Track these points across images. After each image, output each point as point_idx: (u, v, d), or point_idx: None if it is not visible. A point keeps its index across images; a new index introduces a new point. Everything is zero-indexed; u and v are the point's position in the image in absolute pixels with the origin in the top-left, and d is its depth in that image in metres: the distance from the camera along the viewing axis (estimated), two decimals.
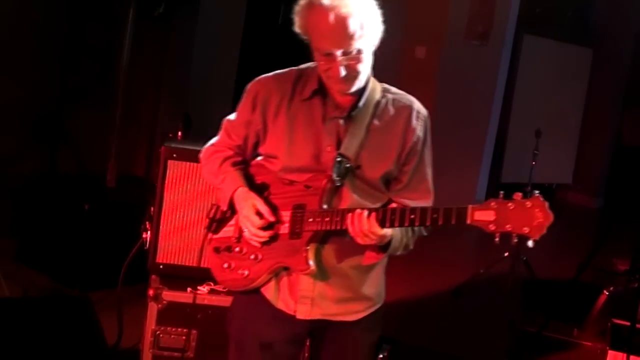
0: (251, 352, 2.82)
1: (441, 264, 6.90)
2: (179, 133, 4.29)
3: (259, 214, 2.68)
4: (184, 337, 3.82)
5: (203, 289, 3.82)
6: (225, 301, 3.75)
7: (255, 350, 2.81)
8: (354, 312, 2.79)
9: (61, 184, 5.91)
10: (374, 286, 2.83)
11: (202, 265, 3.03)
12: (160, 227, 3.86)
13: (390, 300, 2.93)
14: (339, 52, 2.50)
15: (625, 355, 4.61)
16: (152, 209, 3.91)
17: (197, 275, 3.85)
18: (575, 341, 5.72)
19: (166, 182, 3.84)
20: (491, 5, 8.79)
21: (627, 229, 5.21)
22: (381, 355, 3.99)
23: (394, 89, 2.78)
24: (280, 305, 2.76)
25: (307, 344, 3.02)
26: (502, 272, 6.66)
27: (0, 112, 5.80)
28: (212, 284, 3.84)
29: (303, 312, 2.73)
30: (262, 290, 2.79)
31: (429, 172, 2.78)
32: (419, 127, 2.72)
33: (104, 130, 6.06)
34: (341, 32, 2.48)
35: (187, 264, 3.88)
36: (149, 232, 3.91)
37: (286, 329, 2.78)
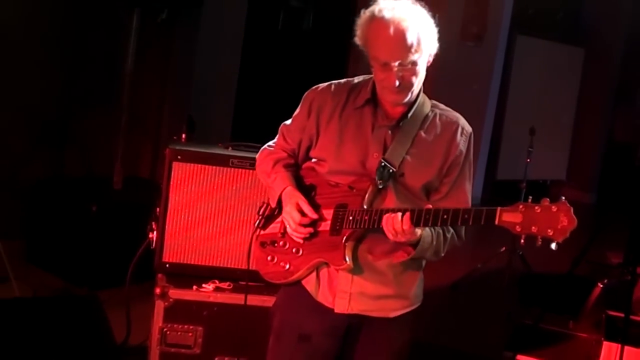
0: (290, 343, 2.86)
1: (440, 259, 6.90)
2: (183, 135, 4.29)
3: (301, 211, 2.75)
4: (190, 334, 3.82)
5: (208, 286, 3.82)
6: (230, 298, 3.77)
7: (294, 342, 2.84)
8: (390, 310, 2.83)
9: (69, 187, 5.92)
10: (411, 286, 2.88)
11: (250, 268, 3.02)
12: (166, 227, 3.85)
13: None
14: (395, 63, 2.57)
15: (619, 345, 4.61)
16: (157, 209, 3.91)
17: (203, 274, 3.86)
18: (571, 333, 5.72)
19: (171, 183, 3.83)
20: (485, 7, 8.80)
21: (619, 223, 5.22)
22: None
23: (442, 105, 2.87)
24: (320, 298, 2.82)
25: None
26: (499, 266, 6.66)
27: (11, 118, 5.82)
28: (217, 281, 3.84)
29: (341, 306, 2.78)
30: (304, 282, 2.85)
31: (468, 186, 2.83)
32: (462, 142, 2.78)
33: (110, 134, 6.07)
34: (399, 45, 2.56)
35: (192, 262, 3.87)
36: (155, 232, 3.91)
37: (325, 321, 2.81)
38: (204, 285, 3.83)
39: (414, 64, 2.60)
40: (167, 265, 3.88)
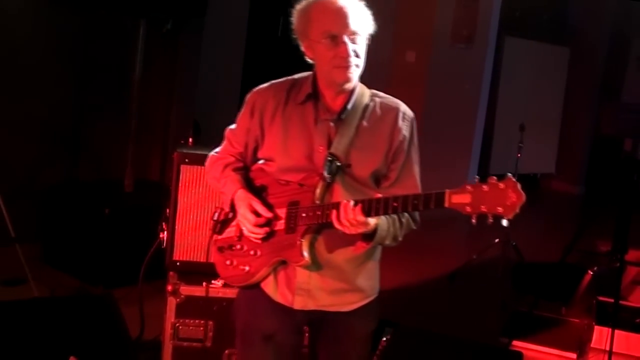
0: (255, 343, 2.80)
1: (437, 252, 6.90)
2: (190, 139, 4.29)
3: (255, 212, 2.69)
4: (201, 328, 3.82)
5: (217, 282, 3.82)
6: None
7: (259, 342, 2.79)
8: (348, 303, 2.76)
9: (83, 191, 5.92)
10: (368, 279, 2.81)
11: (209, 261, 3.02)
12: (176, 227, 3.86)
13: (391, 287, 2.93)
14: (345, 36, 2.54)
15: (610, 329, 4.61)
16: (167, 210, 3.91)
17: (212, 271, 3.83)
18: (563, 318, 5.72)
19: (180, 185, 3.84)
20: (474, 10, 8.78)
21: (607, 213, 5.22)
22: (384, 338, 3.99)
23: (381, 94, 2.77)
24: (279, 298, 2.74)
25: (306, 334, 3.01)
26: (493, 257, 6.66)
27: (26, 127, 5.83)
28: None
29: (300, 303, 2.71)
30: (262, 285, 2.77)
31: (416, 169, 2.76)
32: (404, 127, 2.71)
33: (121, 140, 6.07)
34: (349, 15, 2.55)
35: (201, 260, 3.87)
36: (165, 232, 3.91)
37: (286, 320, 2.76)
38: (213, 281, 3.83)
39: (361, 38, 2.58)
40: (178, 264, 3.88)
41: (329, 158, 2.61)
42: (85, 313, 3.96)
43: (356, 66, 2.58)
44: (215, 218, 2.86)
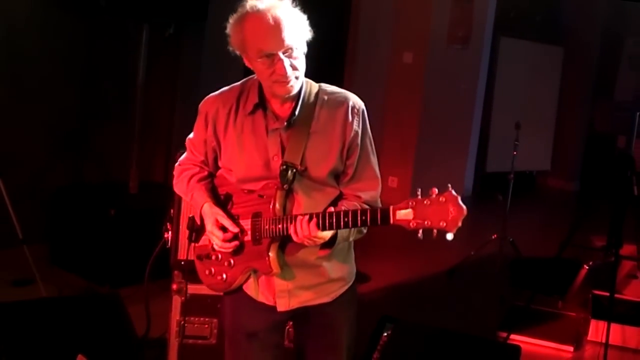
0: (241, 342, 2.80)
1: (435, 248, 6.88)
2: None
3: (222, 227, 2.66)
4: (206, 326, 3.82)
5: None
6: None
7: (244, 340, 2.79)
8: (327, 294, 2.76)
9: (89, 192, 5.92)
10: (344, 268, 2.80)
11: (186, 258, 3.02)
12: (180, 227, 3.85)
13: (391, 283, 2.93)
14: (281, 52, 2.47)
15: (606, 322, 4.61)
16: (171, 211, 3.90)
17: None
18: (560, 312, 5.72)
19: None
20: (469, 11, 8.78)
21: (602, 209, 5.22)
22: (385, 334, 3.98)
23: (329, 88, 2.71)
24: (261, 298, 2.74)
25: (289, 329, 2.99)
26: (491, 253, 6.65)
27: (33, 131, 5.84)
28: None
29: (283, 305, 2.71)
30: (244, 287, 2.76)
31: (373, 160, 2.71)
32: (355, 121, 2.64)
33: (125, 142, 6.06)
34: (281, 31, 2.45)
35: None
36: (170, 232, 3.90)
37: (269, 318, 2.76)
38: None
39: (296, 50, 2.49)
40: (182, 263, 3.86)
41: (283, 167, 2.57)
42: (93, 312, 3.96)
43: (296, 78, 2.53)
44: (189, 227, 2.83)
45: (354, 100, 2.68)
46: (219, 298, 3.76)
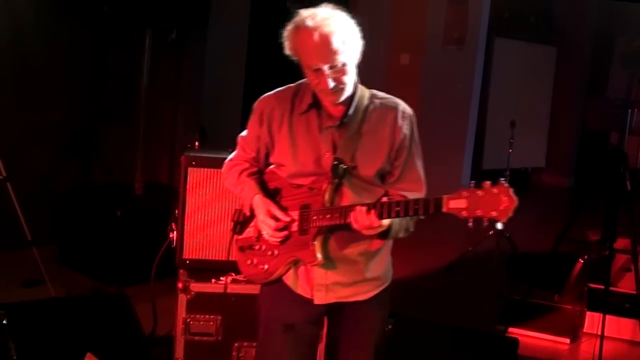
0: (277, 333, 2.83)
1: (434, 244, 6.89)
2: (196, 143, 4.28)
3: (274, 217, 2.71)
4: (211, 323, 3.82)
5: (225, 279, 3.82)
6: (246, 289, 3.77)
7: (280, 332, 2.82)
8: (364, 292, 2.80)
9: (95, 194, 5.92)
10: (381, 268, 2.84)
11: (229, 259, 3.04)
12: (185, 227, 3.85)
13: (393, 279, 2.93)
14: (326, 67, 2.52)
15: (601, 314, 4.61)
16: (176, 211, 3.91)
17: (220, 268, 3.86)
18: (556, 305, 5.73)
19: (187, 187, 3.84)
20: (464, 13, 8.78)
21: (596, 204, 5.21)
22: (386, 328, 3.99)
23: (381, 94, 2.78)
24: (299, 290, 2.79)
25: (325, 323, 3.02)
26: (488, 248, 6.65)
27: (40, 135, 5.85)
28: (233, 274, 3.84)
29: (319, 298, 2.76)
30: (284, 278, 2.81)
31: (418, 164, 2.78)
32: (404, 125, 2.72)
33: (130, 145, 6.07)
34: (326, 49, 2.50)
35: (210, 258, 3.88)
36: (175, 232, 3.91)
37: (306, 311, 2.79)
38: (221, 278, 3.82)
39: (344, 64, 2.55)
40: (187, 262, 3.88)
41: (335, 162, 2.63)
42: (101, 311, 3.97)
43: (341, 89, 2.59)
44: (234, 219, 2.90)
45: (404, 106, 2.77)
46: (224, 296, 3.79)
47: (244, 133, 2.91)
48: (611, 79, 11.38)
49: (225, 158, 3.79)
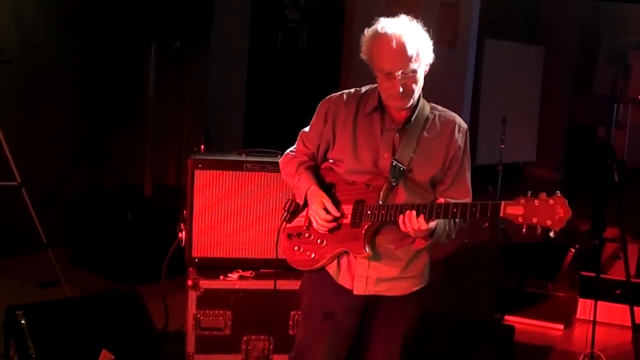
0: (317, 321, 2.86)
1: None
2: (202, 147, 4.28)
3: (325, 209, 2.76)
4: (221, 318, 3.82)
5: (233, 275, 3.83)
6: (253, 285, 3.78)
7: (320, 320, 2.85)
8: (402, 289, 2.83)
9: (107, 198, 5.92)
10: (420, 268, 2.88)
11: (279, 256, 3.03)
12: (193, 226, 3.85)
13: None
14: (398, 72, 2.60)
15: (593, 301, 4.60)
16: (184, 212, 3.90)
17: (228, 265, 3.86)
18: (550, 293, 5.72)
19: (195, 188, 3.83)
20: (455, 16, 8.77)
21: (585, 195, 5.21)
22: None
23: (440, 107, 2.88)
24: (340, 281, 2.83)
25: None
26: (483, 240, 6.66)
27: (53, 142, 5.85)
28: (240, 271, 3.84)
29: (359, 289, 2.79)
30: (327, 268, 2.85)
31: (468, 176, 2.85)
32: (460, 138, 2.80)
33: (139, 150, 6.06)
34: (401, 56, 2.60)
35: (218, 255, 3.88)
36: (183, 232, 3.90)
37: (346, 301, 2.82)
38: (229, 274, 3.83)
39: (414, 72, 2.63)
40: (196, 260, 3.88)
41: (394, 163, 2.69)
42: (114, 309, 3.96)
43: (409, 95, 2.66)
44: (286, 208, 2.94)
45: (461, 120, 2.86)
46: (232, 292, 3.80)
47: (306, 129, 2.95)
48: (597, 75, 11.39)
49: (230, 160, 3.81)
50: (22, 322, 3.59)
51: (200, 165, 3.84)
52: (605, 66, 11.17)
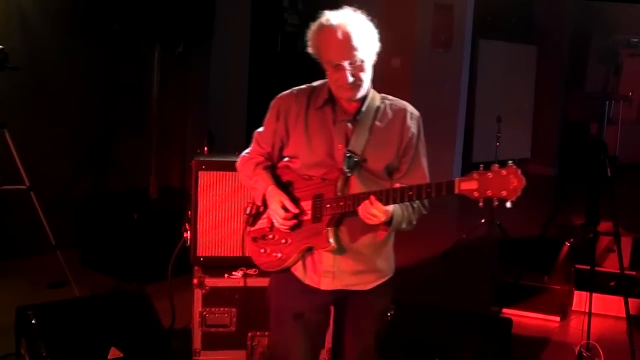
0: (287, 321, 2.83)
1: (430, 234, 6.86)
2: (205, 148, 4.28)
3: (284, 207, 2.72)
4: (226, 315, 3.82)
5: (238, 274, 3.82)
6: (256, 282, 3.77)
7: (290, 320, 2.82)
8: (368, 282, 2.80)
9: (113, 199, 5.92)
10: (385, 260, 2.85)
11: (244, 254, 3.05)
12: (198, 226, 3.85)
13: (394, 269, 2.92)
14: (346, 63, 2.56)
15: (588, 293, 4.61)
16: (189, 212, 3.90)
17: (232, 263, 3.85)
18: (546, 286, 5.73)
19: (199, 189, 3.83)
20: (450, 17, 8.77)
21: (579, 190, 5.20)
22: (388, 314, 3.98)
23: (390, 97, 2.82)
24: (307, 280, 2.78)
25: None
26: (480, 235, 6.65)
27: (60, 146, 5.87)
28: (244, 269, 3.84)
29: (326, 284, 2.75)
30: (292, 269, 2.81)
31: (424, 161, 2.81)
32: (413, 125, 2.76)
33: (144, 152, 6.06)
34: (347, 46, 2.55)
35: (222, 254, 3.87)
36: (188, 232, 3.90)
37: (313, 300, 2.79)
38: (234, 273, 3.83)
39: (362, 61, 2.59)
40: (201, 259, 3.87)
41: (348, 154, 2.65)
42: (122, 308, 3.96)
43: (358, 85, 2.62)
44: (247, 212, 2.90)
45: (412, 108, 2.81)
46: (237, 289, 3.79)
47: (260, 129, 2.91)
48: (589, 74, 11.38)
49: (233, 161, 3.80)
50: (33, 321, 3.59)
51: (203, 167, 3.84)
52: (596, 65, 11.16)
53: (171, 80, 6.28)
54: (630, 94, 9.77)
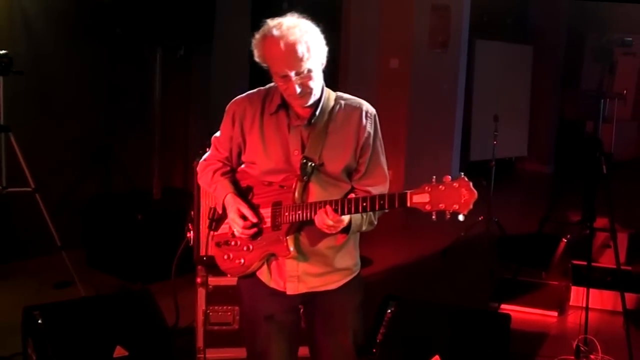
0: (259, 323, 2.77)
1: (429, 232, 6.87)
2: (207, 150, 4.27)
3: (243, 216, 2.65)
4: (229, 313, 3.82)
5: None
6: None
7: (262, 322, 2.76)
8: (333, 282, 2.74)
9: (117, 201, 5.92)
10: (349, 259, 2.78)
11: (206, 254, 3.04)
12: (200, 226, 3.85)
13: (392, 265, 2.92)
14: (292, 73, 2.47)
15: (585, 288, 4.61)
16: (192, 213, 3.90)
17: None
18: (544, 282, 5.72)
19: (201, 190, 3.83)
20: (447, 18, 8.76)
21: (575, 187, 5.19)
22: (389, 310, 3.97)
23: (346, 96, 2.73)
24: (273, 284, 2.72)
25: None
26: (479, 233, 6.64)
27: (65, 148, 5.87)
28: None
29: (292, 289, 2.70)
30: (258, 274, 2.75)
31: (382, 160, 2.73)
32: (368, 124, 2.66)
33: (147, 154, 6.07)
34: (292, 57, 2.44)
35: None
36: (191, 232, 3.90)
37: (282, 302, 2.73)
38: None
39: (309, 70, 2.48)
40: (204, 258, 3.86)
41: (304, 161, 2.58)
42: (127, 307, 3.96)
43: (308, 93, 2.53)
44: (209, 217, 2.83)
45: (367, 106, 2.71)
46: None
47: (217, 134, 2.85)
48: (584, 72, 11.40)
49: None
50: (39, 321, 3.59)
51: None
52: (591, 63, 11.18)
53: (173, 83, 6.29)
54: (624, 92, 9.79)
